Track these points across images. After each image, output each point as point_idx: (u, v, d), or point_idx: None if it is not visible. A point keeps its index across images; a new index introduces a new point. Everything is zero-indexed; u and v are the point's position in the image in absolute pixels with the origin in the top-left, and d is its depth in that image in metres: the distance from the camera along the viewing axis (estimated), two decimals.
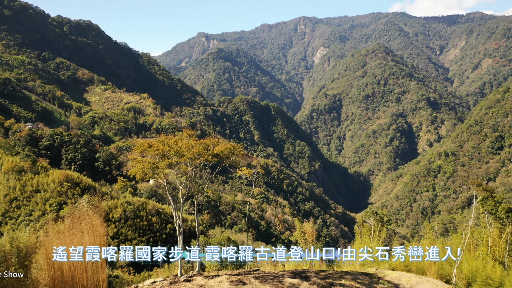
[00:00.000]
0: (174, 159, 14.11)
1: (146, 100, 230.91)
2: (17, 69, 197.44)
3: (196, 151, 14.16)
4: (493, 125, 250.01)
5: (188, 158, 14.14)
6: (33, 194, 62.71)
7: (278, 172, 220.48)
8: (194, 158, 14.52)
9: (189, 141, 15.42)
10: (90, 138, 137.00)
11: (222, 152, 15.66)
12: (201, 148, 14.62)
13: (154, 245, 62.99)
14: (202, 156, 14.65)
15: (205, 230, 68.96)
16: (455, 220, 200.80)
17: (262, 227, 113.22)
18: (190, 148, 14.12)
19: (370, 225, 21.48)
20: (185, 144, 14.44)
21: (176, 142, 14.65)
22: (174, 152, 13.88)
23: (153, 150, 14.35)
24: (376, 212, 21.58)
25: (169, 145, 14.27)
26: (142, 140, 14.98)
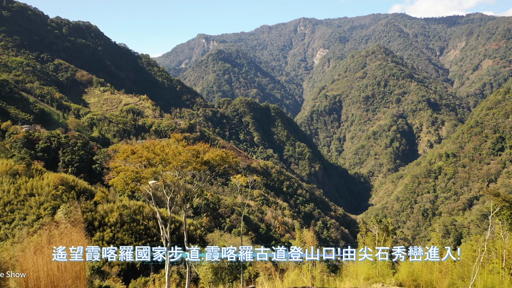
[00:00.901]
0: (160, 167, 12.87)
1: (145, 102, 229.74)
2: (16, 71, 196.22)
3: (183, 159, 12.91)
4: (494, 126, 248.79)
5: (174, 167, 12.89)
6: (27, 198, 61.43)
7: (278, 173, 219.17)
8: (182, 166, 13.25)
9: (177, 147, 14.15)
10: (88, 140, 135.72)
11: (213, 159, 14.39)
12: (189, 155, 13.37)
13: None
14: (190, 164, 13.37)
15: (203, 234, 67.64)
16: (456, 222, 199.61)
17: (262, 230, 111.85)
18: (177, 155, 12.89)
19: (374, 234, 20.19)
20: (172, 150, 13.20)
21: (162, 148, 13.40)
22: (160, 159, 12.64)
23: (136, 157, 13.10)
24: (380, 220, 20.30)
25: (155, 152, 13.04)
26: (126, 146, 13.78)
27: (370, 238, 20.42)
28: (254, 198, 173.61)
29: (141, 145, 14.05)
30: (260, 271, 64.15)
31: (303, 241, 19.98)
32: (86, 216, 59.65)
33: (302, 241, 20.04)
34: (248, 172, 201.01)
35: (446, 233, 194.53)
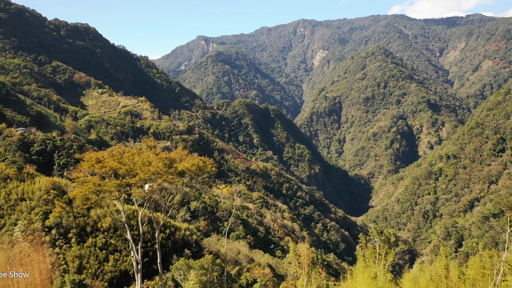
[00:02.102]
0: (126, 179, 11.28)
1: (143, 104, 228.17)
2: (13, 73, 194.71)
3: (153, 170, 11.29)
4: (494, 127, 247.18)
5: (141, 179, 11.27)
6: (18, 202, 59.80)
7: (278, 175, 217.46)
8: (151, 179, 11.62)
9: (149, 155, 12.50)
10: (85, 142, 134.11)
11: (189, 170, 12.74)
12: (160, 164, 11.76)
13: (145, 256, 59.74)
14: (161, 175, 11.73)
15: (199, 239, 65.91)
16: (457, 224, 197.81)
17: (261, 234, 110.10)
18: (147, 165, 11.27)
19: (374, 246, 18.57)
20: (142, 159, 11.57)
21: (132, 157, 11.77)
22: (126, 170, 11.02)
23: (100, 167, 11.50)
24: (381, 231, 18.67)
25: (121, 161, 11.43)
26: (93, 153, 12.15)
27: (370, 250, 18.81)
28: (253, 200, 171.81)
29: (108, 153, 12.47)
30: (257, 277, 62.52)
31: (298, 254, 18.33)
32: (79, 222, 58.05)
33: (297, 254, 18.39)
34: (248, 174, 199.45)
35: (447, 235, 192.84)
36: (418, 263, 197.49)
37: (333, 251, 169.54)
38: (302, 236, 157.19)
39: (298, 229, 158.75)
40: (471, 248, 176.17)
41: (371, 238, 19.03)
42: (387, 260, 17.54)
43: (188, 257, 60.22)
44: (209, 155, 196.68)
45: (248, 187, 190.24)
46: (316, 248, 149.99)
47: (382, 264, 17.27)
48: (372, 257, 18.40)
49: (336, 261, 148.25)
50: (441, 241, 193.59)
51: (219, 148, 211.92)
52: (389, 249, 18.19)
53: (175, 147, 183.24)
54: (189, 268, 31.87)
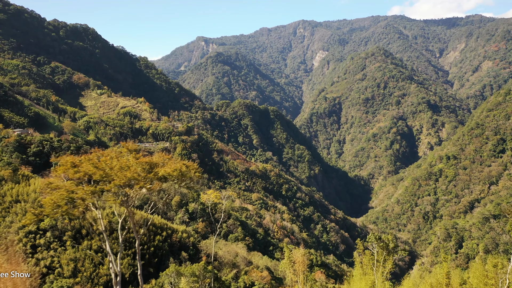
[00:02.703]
0: (100, 185, 10.52)
1: (142, 105, 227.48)
2: (11, 74, 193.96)
3: (129, 175, 10.51)
4: (494, 128, 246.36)
5: (116, 185, 10.51)
6: (13, 204, 59.07)
7: (277, 176, 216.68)
8: (128, 185, 10.85)
9: (128, 159, 11.71)
10: (83, 143, 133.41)
11: (170, 175, 11.94)
12: (139, 169, 10.99)
13: (141, 259, 58.85)
14: (138, 181, 10.95)
15: (196, 242, 65.08)
16: (457, 225, 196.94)
17: (259, 235, 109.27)
18: (125, 170, 10.50)
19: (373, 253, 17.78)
20: (120, 163, 10.79)
21: (110, 160, 11.01)
22: (100, 175, 10.27)
23: (74, 172, 10.73)
24: (380, 237, 17.89)
25: (96, 166, 10.67)
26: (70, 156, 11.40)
27: (368, 257, 18.03)
28: (252, 202, 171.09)
29: (84, 157, 11.70)
30: (255, 280, 61.72)
31: (293, 260, 17.55)
32: (74, 224, 57.27)
33: (292, 260, 17.61)
34: (247, 175, 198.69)
35: (448, 237, 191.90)
36: (418, 265, 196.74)
37: (332, 253, 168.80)
38: (302, 237, 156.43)
39: (297, 231, 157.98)
40: (471, 250, 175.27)
41: (369, 244, 18.26)
42: (386, 267, 16.77)
43: (185, 259, 59.43)
44: (208, 156, 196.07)
45: (247, 188, 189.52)
46: (316, 250, 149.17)
47: (381, 272, 16.50)
48: (370, 264, 17.64)
49: (336, 263, 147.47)
50: (441, 242, 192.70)
51: (219, 149, 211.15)
52: (388, 256, 17.43)
53: (174, 148, 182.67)
54: (180, 275, 31.04)
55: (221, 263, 62.02)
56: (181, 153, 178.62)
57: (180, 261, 58.51)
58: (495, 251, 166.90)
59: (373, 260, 17.61)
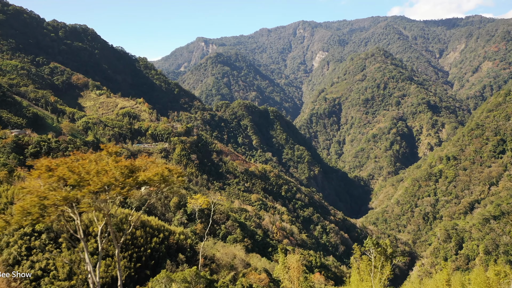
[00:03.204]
0: (74, 191, 9.89)
1: (141, 105, 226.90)
2: (10, 74, 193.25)
3: (105, 180, 9.89)
4: (494, 129, 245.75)
5: (91, 192, 9.87)
6: (8, 206, 58.34)
7: (277, 177, 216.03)
8: (103, 190, 10.22)
9: (108, 162, 11.06)
10: (81, 144, 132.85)
11: (151, 180, 11.30)
12: (117, 173, 10.36)
13: (138, 261, 58.23)
14: (115, 186, 10.30)
15: (194, 244, 64.39)
16: (457, 226, 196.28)
17: (258, 237, 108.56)
18: (102, 174, 9.86)
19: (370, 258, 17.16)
20: (98, 167, 10.14)
21: (89, 164, 10.39)
22: (75, 180, 9.64)
23: (48, 176, 10.09)
24: (377, 242, 17.26)
25: (71, 169, 10.05)
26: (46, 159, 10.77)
27: (365, 263, 17.40)
28: (251, 203, 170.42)
29: (62, 160, 11.05)
30: (253, 282, 61.02)
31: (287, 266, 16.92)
32: (70, 226, 56.42)
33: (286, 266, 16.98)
34: (246, 176, 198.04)
35: (448, 238, 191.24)
36: (418, 266, 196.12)
37: (332, 254, 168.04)
38: (301, 238, 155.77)
39: (297, 232, 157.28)
40: (471, 251, 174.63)
41: (366, 250, 17.65)
42: (384, 273, 16.15)
43: (182, 262, 58.72)
44: (208, 157, 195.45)
45: (247, 189, 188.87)
46: (315, 251, 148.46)
47: (378, 278, 15.87)
48: (367, 270, 17.02)
49: (335, 264, 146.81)
50: (441, 243, 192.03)
51: (218, 150, 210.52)
52: (386, 262, 16.83)
53: (173, 149, 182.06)
54: (171, 281, 30.38)
55: (218, 265, 61.36)
56: (180, 153, 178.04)
57: (177, 263, 57.82)
58: (495, 252, 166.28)
59: (371, 266, 16.99)
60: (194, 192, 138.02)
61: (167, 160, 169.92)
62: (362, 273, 17.45)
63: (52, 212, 10.54)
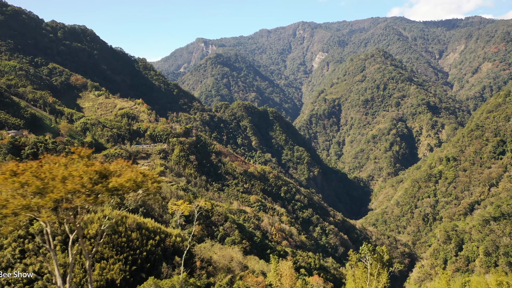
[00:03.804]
0: (35, 199, 9.16)
1: (140, 106, 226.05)
2: (8, 75, 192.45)
3: (70, 187, 9.12)
4: (494, 130, 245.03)
5: (53, 199, 9.14)
6: None
7: (276, 178, 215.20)
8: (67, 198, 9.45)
9: (78, 167, 10.30)
10: (79, 145, 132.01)
11: (123, 186, 10.53)
12: (85, 179, 9.59)
13: (133, 264, 57.43)
14: (80, 194, 9.51)
15: (190, 246, 63.58)
16: (457, 227, 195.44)
17: (257, 238, 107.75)
18: (68, 180, 9.11)
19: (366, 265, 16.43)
20: (65, 172, 9.39)
21: (57, 168, 9.65)
22: (37, 187, 8.91)
23: (11, 182, 9.36)
24: (374, 249, 16.52)
25: (36, 175, 9.32)
26: (12, 163, 10.14)
27: (361, 270, 16.66)
28: (250, 204, 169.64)
29: (29, 164, 10.34)
30: (250, 285, 60.25)
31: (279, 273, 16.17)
32: (64, 228, 55.71)
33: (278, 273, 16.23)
34: (245, 177, 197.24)
35: (447, 239, 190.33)
36: (418, 267, 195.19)
37: (331, 255, 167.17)
38: (300, 240, 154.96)
39: (296, 233, 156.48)
40: (471, 252, 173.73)
41: (362, 256, 16.91)
42: (380, 281, 15.42)
43: (178, 264, 57.98)
44: (207, 158, 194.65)
45: (246, 190, 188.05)
46: (314, 252, 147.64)
47: (374, 286, 15.13)
48: (363, 278, 16.29)
49: (335, 266, 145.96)
50: (441, 244, 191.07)
51: (217, 151, 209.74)
52: (382, 269, 16.10)
53: (172, 150, 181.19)
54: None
55: (215, 268, 60.56)
56: (179, 154, 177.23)
57: (173, 266, 57.07)
58: (495, 254, 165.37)
59: (367, 273, 16.26)
60: (192, 193, 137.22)
61: (165, 161, 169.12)
62: (358, 281, 16.73)
63: (10, 222, 9.78)
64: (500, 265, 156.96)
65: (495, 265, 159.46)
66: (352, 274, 17.83)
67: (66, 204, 10.02)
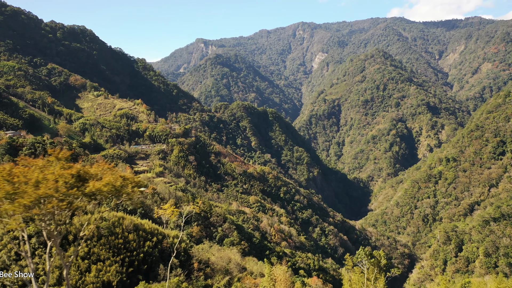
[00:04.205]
0: (5, 205, 8.67)
1: (139, 106, 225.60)
2: (7, 75, 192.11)
3: (42, 192, 8.60)
4: (494, 130, 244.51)
5: (22, 205, 8.64)
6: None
7: (275, 179, 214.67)
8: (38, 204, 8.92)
9: (55, 169, 9.77)
10: (78, 145, 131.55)
11: (100, 191, 10.00)
12: (60, 183, 9.08)
13: (130, 266, 56.84)
14: (52, 199, 8.97)
15: (188, 248, 63.11)
16: (457, 228, 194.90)
17: (256, 239, 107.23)
18: (42, 185, 8.59)
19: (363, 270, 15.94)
20: (40, 176, 8.89)
21: (32, 172, 9.12)
22: (6, 192, 8.40)
23: None
24: (371, 253, 16.03)
25: (8, 179, 8.81)
26: None
27: (357, 275, 16.17)
28: (249, 204, 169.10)
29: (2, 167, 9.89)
30: (248, 287, 59.74)
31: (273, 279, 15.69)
32: (60, 229, 55.06)
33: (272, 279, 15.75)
34: (244, 178, 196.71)
35: (447, 240, 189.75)
36: (417, 268, 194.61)
37: (331, 256, 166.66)
38: (300, 241, 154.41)
39: (295, 234, 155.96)
40: (471, 253, 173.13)
41: (359, 261, 16.43)
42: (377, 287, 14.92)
43: (176, 266, 57.50)
44: (206, 159, 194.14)
45: (245, 191, 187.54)
46: (314, 253, 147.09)
47: None
48: (360, 283, 15.81)
49: (334, 267, 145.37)
50: (441, 245, 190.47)
51: (216, 151, 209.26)
52: (379, 274, 15.63)
53: (171, 151, 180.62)
54: None
55: (213, 270, 60.05)
56: (178, 155, 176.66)
57: (171, 267, 56.62)
58: (495, 255, 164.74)
59: (363, 278, 15.77)
60: (191, 194, 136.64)
61: (164, 161, 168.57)
62: (355, 286, 16.23)
63: None
64: (500, 266, 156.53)
65: (495, 266, 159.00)
66: (349, 279, 17.34)
67: (35, 210, 9.49)
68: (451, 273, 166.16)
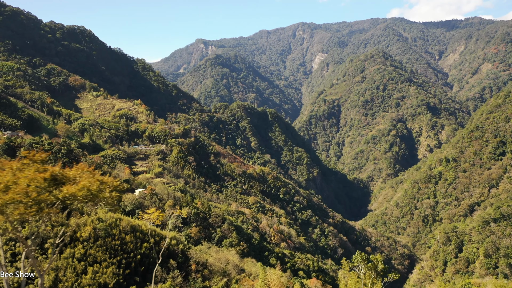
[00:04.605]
0: None
1: (139, 107, 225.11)
2: (6, 75, 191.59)
3: (8, 197, 8.11)
4: (494, 130, 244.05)
5: None
6: None
7: (275, 179, 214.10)
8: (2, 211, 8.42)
9: (29, 173, 9.28)
10: (76, 146, 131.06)
11: (75, 196, 9.50)
12: (31, 188, 8.63)
13: (127, 268, 56.27)
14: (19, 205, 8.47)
15: (186, 249, 62.57)
16: (457, 228, 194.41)
17: (255, 240, 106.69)
18: (11, 189, 8.13)
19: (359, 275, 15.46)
20: (11, 179, 8.44)
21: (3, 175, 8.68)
22: None
23: None
24: (368, 258, 15.56)
25: None
26: None
27: (354, 280, 15.69)
28: (249, 205, 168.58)
29: None
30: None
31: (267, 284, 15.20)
32: (57, 231, 54.69)
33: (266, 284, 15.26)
34: (244, 178, 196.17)
35: (447, 240, 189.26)
36: (417, 269, 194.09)
37: (330, 257, 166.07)
38: (299, 241, 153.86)
39: (295, 235, 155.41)
40: (471, 254, 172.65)
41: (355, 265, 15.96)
42: None
43: (173, 268, 56.98)
44: (205, 159, 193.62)
45: (244, 192, 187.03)
46: (313, 254, 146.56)
47: None
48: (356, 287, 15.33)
49: (334, 268, 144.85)
50: (441, 246, 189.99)
51: (216, 152, 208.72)
52: (376, 279, 15.16)
53: (170, 151, 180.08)
54: None
55: (211, 271, 59.53)
56: (177, 156, 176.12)
57: (168, 269, 56.09)
58: (496, 255, 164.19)
59: (360, 283, 15.30)
60: (190, 194, 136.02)
61: (164, 162, 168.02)
62: None
63: None
64: (500, 267, 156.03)
65: (495, 267, 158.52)
66: (345, 285, 16.86)
67: (1, 217, 8.99)
68: (451, 274, 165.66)
